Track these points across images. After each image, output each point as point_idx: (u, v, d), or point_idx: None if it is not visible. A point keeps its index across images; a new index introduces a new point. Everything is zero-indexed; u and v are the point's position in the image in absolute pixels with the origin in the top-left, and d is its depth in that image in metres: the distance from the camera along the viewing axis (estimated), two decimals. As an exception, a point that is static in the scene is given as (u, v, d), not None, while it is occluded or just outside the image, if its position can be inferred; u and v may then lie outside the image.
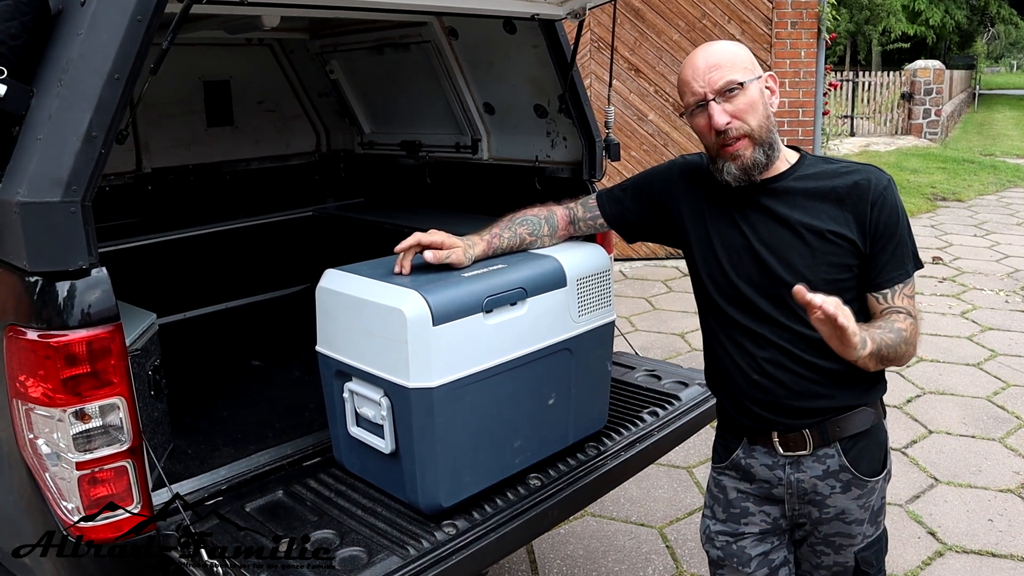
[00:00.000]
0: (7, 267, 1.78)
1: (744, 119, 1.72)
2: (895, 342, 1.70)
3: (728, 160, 1.76)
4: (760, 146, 1.74)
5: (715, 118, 1.72)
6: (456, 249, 2.01)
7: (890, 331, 1.70)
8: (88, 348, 1.75)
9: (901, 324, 1.73)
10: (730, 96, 1.72)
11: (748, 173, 1.75)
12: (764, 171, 1.77)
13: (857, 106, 18.34)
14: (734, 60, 1.74)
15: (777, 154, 1.78)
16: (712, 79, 1.72)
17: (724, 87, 1.71)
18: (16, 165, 1.71)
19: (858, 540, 1.88)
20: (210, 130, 3.95)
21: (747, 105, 1.72)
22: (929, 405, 4.65)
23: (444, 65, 3.37)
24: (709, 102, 1.72)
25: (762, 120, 1.74)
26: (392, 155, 4.04)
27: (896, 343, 1.70)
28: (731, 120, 1.72)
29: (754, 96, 1.73)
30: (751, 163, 1.74)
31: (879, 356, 1.67)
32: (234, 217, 4.00)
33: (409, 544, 1.83)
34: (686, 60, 1.78)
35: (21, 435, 1.83)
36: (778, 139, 1.80)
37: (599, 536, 3.48)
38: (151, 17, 1.71)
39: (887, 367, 1.77)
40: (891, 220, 1.75)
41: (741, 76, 1.72)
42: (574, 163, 3.11)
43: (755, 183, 1.78)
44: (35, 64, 1.79)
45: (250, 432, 2.56)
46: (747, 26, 7.53)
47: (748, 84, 1.72)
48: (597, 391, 2.33)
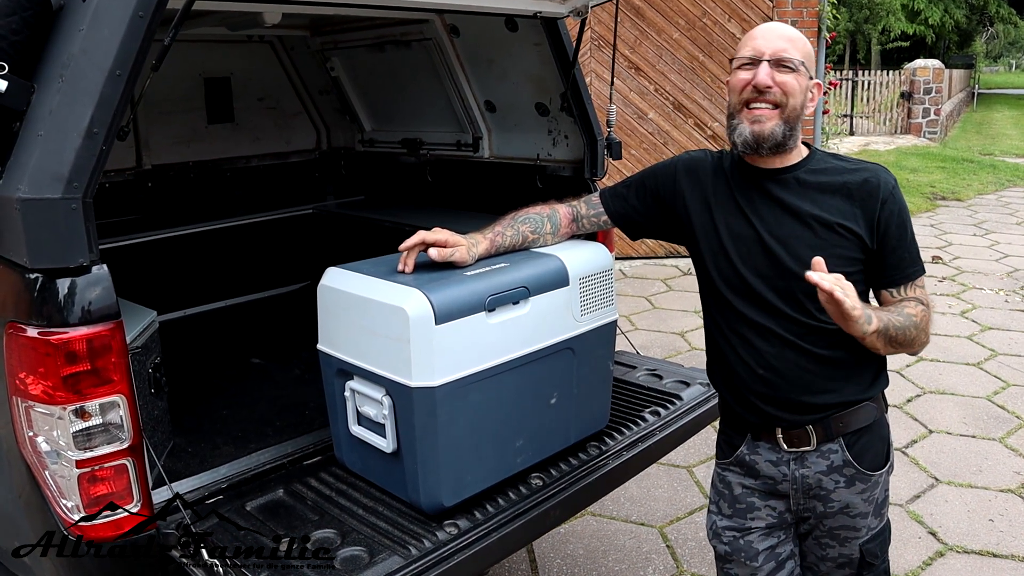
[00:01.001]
0: (7, 264, 1.77)
1: (787, 92, 1.75)
2: (904, 325, 1.73)
3: (746, 122, 1.77)
4: (784, 123, 1.76)
5: (760, 75, 1.74)
6: (460, 247, 2.01)
7: (899, 315, 1.74)
8: (89, 346, 1.74)
9: (912, 310, 1.77)
10: (783, 68, 1.75)
11: (759, 142, 1.77)
12: (773, 151, 1.78)
13: (857, 105, 18.35)
14: (802, 48, 1.78)
15: (793, 143, 1.81)
16: (778, 47, 1.75)
17: (784, 60, 1.74)
18: (17, 161, 1.70)
19: (863, 533, 1.89)
20: (210, 127, 3.94)
21: (793, 85, 1.75)
22: (929, 405, 4.65)
23: (445, 63, 3.36)
24: (762, 61, 1.75)
25: (797, 107, 1.77)
26: (393, 153, 4.02)
27: (905, 326, 1.74)
28: (774, 86, 1.75)
29: (802, 83, 1.76)
30: (768, 133, 1.75)
31: (887, 336, 1.71)
32: (234, 214, 3.99)
33: (411, 544, 1.82)
34: (761, 25, 1.83)
35: (21, 433, 1.82)
36: (799, 134, 1.82)
37: (599, 536, 3.48)
38: (153, 13, 1.71)
39: (900, 351, 1.80)
40: (900, 219, 1.79)
41: (801, 59, 1.76)
42: (575, 161, 3.10)
43: (764, 172, 1.81)
44: (36, 60, 1.78)
45: (250, 430, 2.55)
46: (747, 24, 7.51)
47: (802, 71, 1.75)
48: (599, 390, 2.32)
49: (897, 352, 1.79)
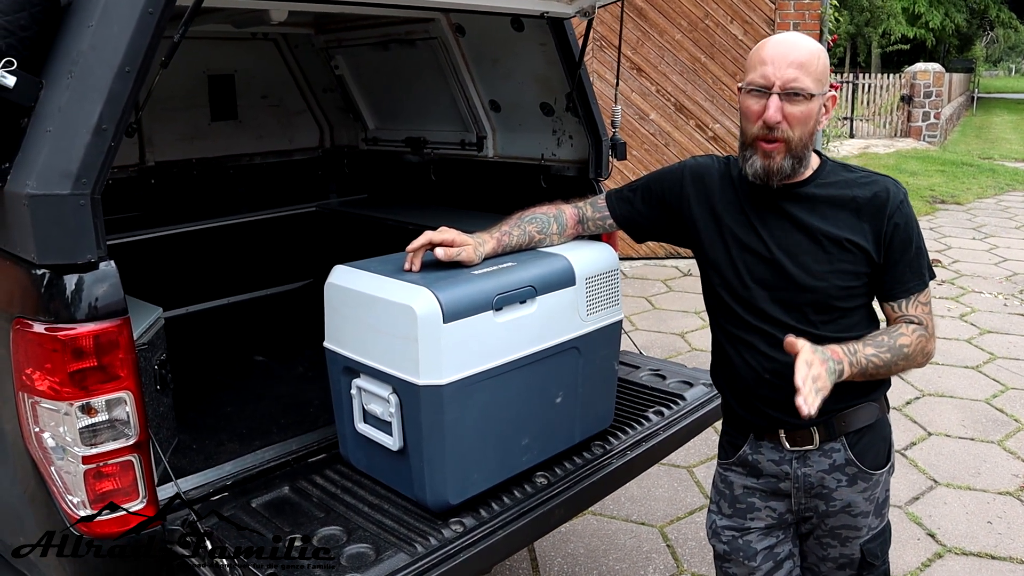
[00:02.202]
0: (14, 259, 1.77)
1: (792, 126, 1.71)
2: (888, 361, 1.75)
3: (758, 155, 1.75)
4: (792, 157, 1.74)
5: (770, 111, 1.69)
6: (467, 247, 2.00)
7: (887, 350, 1.75)
8: (95, 342, 1.74)
9: (905, 340, 1.78)
10: (794, 99, 1.69)
11: (769, 176, 1.76)
12: (783, 180, 1.77)
13: (857, 108, 18.37)
14: (814, 67, 1.70)
15: (804, 166, 1.78)
16: (787, 77, 1.68)
17: (793, 89, 1.69)
18: (25, 157, 1.70)
19: (864, 532, 1.90)
20: (214, 124, 3.93)
21: (803, 115, 1.70)
22: (928, 407, 4.66)
23: (450, 62, 3.36)
24: (772, 94, 1.70)
25: (805, 135, 1.72)
26: (396, 151, 4.03)
27: (890, 362, 1.75)
28: (782, 121, 1.70)
29: (812, 110, 1.71)
30: (776, 168, 1.74)
31: (866, 374, 1.73)
32: (237, 212, 3.98)
33: (416, 541, 1.82)
34: (772, 39, 1.74)
35: (27, 428, 1.81)
36: (811, 153, 1.80)
37: (600, 535, 3.48)
38: (163, 9, 1.71)
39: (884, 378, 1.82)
40: (906, 234, 1.78)
41: (813, 87, 1.69)
42: (580, 162, 3.11)
43: (776, 188, 1.79)
44: (45, 56, 1.77)
45: (255, 428, 2.55)
46: (749, 27, 7.53)
47: (814, 99, 1.70)
48: (604, 390, 2.33)
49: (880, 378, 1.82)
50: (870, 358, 1.72)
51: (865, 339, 1.75)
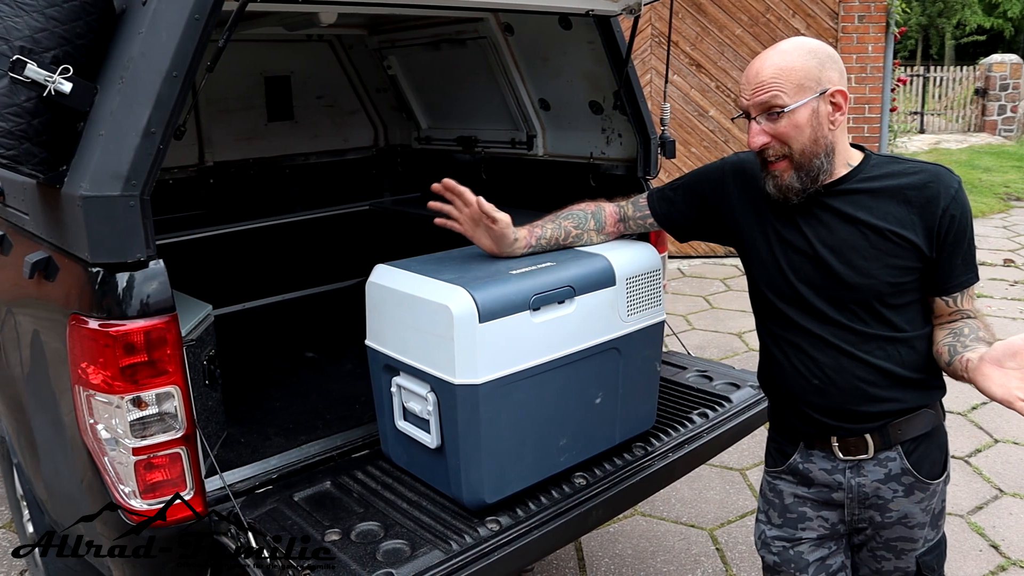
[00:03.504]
0: (72, 258, 1.85)
1: (785, 141, 1.66)
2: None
3: (767, 176, 1.73)
4: (799, 171, 1.68)
5: (751, 137, 1.68)
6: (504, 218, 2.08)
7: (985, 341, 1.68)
8: (146, 338, 1.81)
9: (983, 332, 1.71)
10: (772, 117, 1.66)
11: (784, 194, 1.72)
12: (800, 196, 1.72)
13: (928, 102, 17.75)
14: (788, 77, 1.63)
15: (827, 170, 1.71)
16: (756, 96, 1.65)
17: (765, 107, 1.65)
18: (80, 160, 1.77)
19: (920, 544, 1.84)
20: (270, 124, 4.02)
21: (790, 129, 1.65)
22: (996, 413, 4.48)
23: (500, 61, 3.37)
24: (751, 119, 1.68)
25: (806, 144, 1.66)
26: (448, 150, 4.06)
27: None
28: (769, 141, 1.67)
29: (800, 120, 1.64)
30: (785, 186, 1.70)
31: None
32: (292, 210, 4.07)
33: (452, 539, 1.84)
34: (753, 60, 1.71)
35: (82, 420, 1.89)
36: (832, 156, 1.71)
37: (648, 536, 3.45)
38: (209, 15, 1.76)
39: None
40: (961, 226, 1.70)
41: (788, 98, 1.63)
42: (629, 160, 3.08)
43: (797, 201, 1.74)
44: (100, 62, 1.84)
45: (302, 423, 2.60)
46: (812, 20, 7.35)
47: (794, 109, 1.63)
48: (645, 391, 2.30)
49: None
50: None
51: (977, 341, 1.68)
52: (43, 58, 1.74)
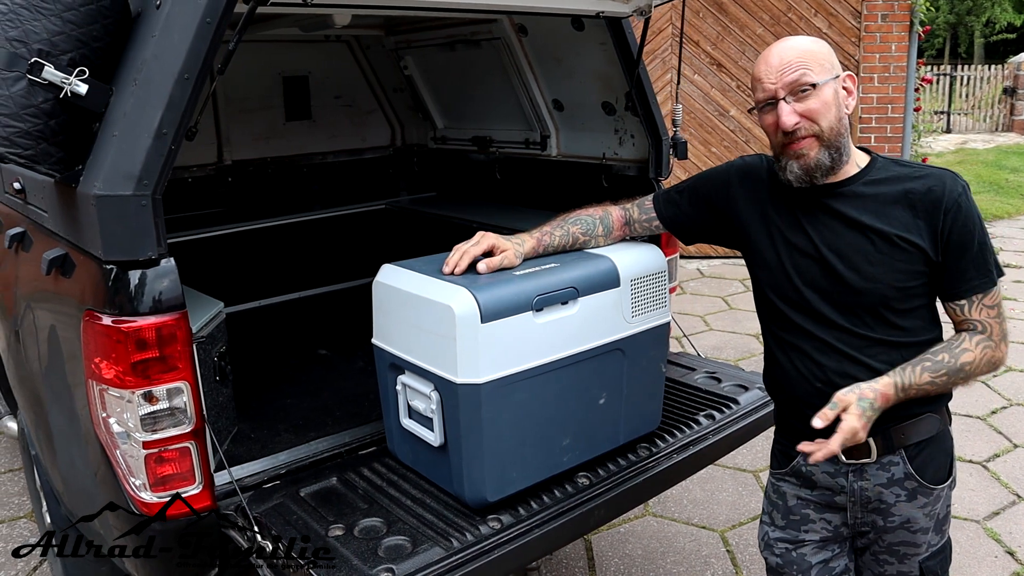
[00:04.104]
0: (87, 255, 1.89)
1: (815, 119, 1.68)
2: (944, 383, 1.70)
3: (791, 158, 1.72)
4: (827, 148, 1.70)
5: (783, 118, 1.68)
6: (507, 252, 2.02)
7: (945, 373, 1.69)
8: (157, 334, 1.85)
9: (968, 357, 1.70)
10: (802, 96, 1.67)
11: (810, 174, 1.71)
12: (827, 175, 1.72)
13: (954, 101, 17.51)
14: (810, 58, 1.68)
15: (845, 158, 1.73)
16: (784, 77, 1.68)
17: (796, 86, 1.67)
18: (95, 160, 1.81)
19: (923, 549, 1.83)
20: (288, 124, 4.07)
21: (819, 106, 1.67)
22: (1016, 417, 4.43)
23: (514, 62, 3.39)
24: (779, 101, 1.68)
25: (833, 122, 1.69)
26: (463, 150, 4.08)
27: (948, 383, 1.70)
28: (800, 120, 1.68)
29: (827, 97, 1.68)
30: (814, 164, 1.70)
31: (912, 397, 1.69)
32: (309, 209, 4.11)
33: (453, 536, 1.86)
34: (761, 55, 1.74)
35: (95, 414, 1.94)
36: (849, 143, 1.74)
37: (659, 536, 3.45)
38: (220, 19, 1.79)
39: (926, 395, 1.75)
40: (966, 229, 1.68)
41: (815, 76, 1.67)
42: (641, 161, 3.09)
43: (822, 186, 1.74)
44: (116, 64, 1.88)
45: (311, 419, 2.64)
46: (834, 19, 7.28)
47: (822, 85, 1.67)
48: (650, 392, 2.31)
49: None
50: (923, 386, 1.68)
51: (924, 361, 1.69)
52: (60, 60, 1.78)
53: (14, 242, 2.43)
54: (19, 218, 2.50)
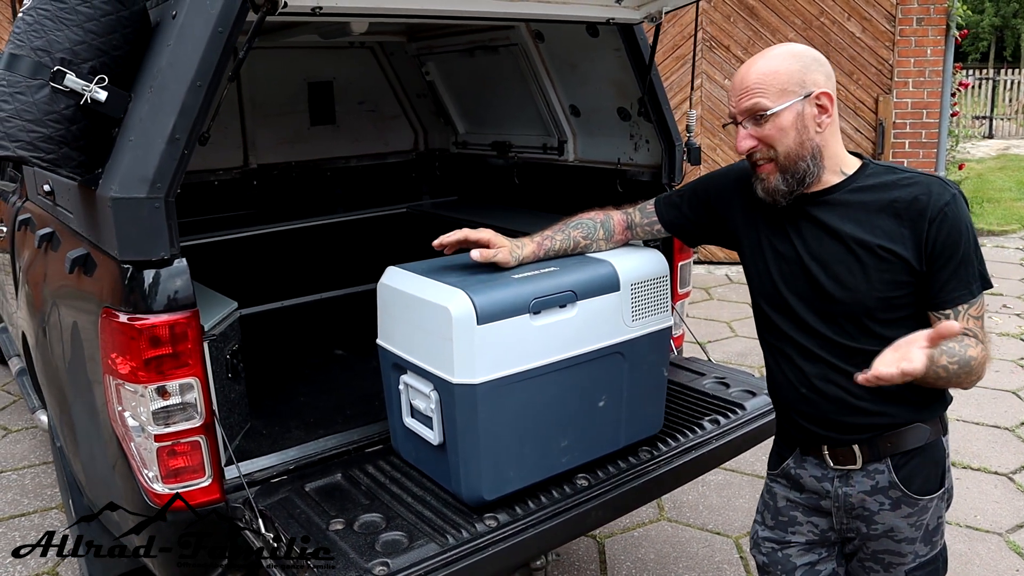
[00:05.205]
0: (106, 255, 1.98)
1: (771, 144, 1.69)
2: (954, 372, 1.63)
3: (756, 179, 1.77)
4: (784, 173, 1.71)
5: (738, 142, 1.73)
6: (502, 249, 2.06)
7: (958, 361, 1.62)
8: (169, 331, 1.92)
9: (974, 352, 1.65)
10: (758, 121, 1.69)
11: (771, 196, 1.74)
12: (788, 197, 1.74)
13: (997, 106, 17.14)
14: (771, 81, 1.67)
15: (813, 174, 1.71)
16: (741, 103, 1.70)
17: (755, 111, 1.68)
18: (113, 163, 1.89)
19: (908, 559, 1.83)
20: (313, 129, 4.16)
21: (774, 131, 1.68)
22: (1045, 430, 4.35)
23: (531, 67, 3.43)
24: (738, 124, 1.72)
25: (792, 146, 1.68)
26: (483, 155, 4.13)
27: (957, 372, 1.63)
28: (756, 144, 1.70)
29: (785, 123, 1.67)
30: (772, 188, 1.73)
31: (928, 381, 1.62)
32: (333, 212, 4.19)
33: (449, 533, 1.90)
34: (740, 68, 1.75)
35: (112, 408, 2.02)
36: (819, 159, 1.71)
37: (672, 541, 3.46)
38: (232, 28, 1.86)
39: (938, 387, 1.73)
40: (951, 238, 1.65)
41: (771, 102, 1.66)
42: (655, 166, 3.10)
43: (806, 195, 1.75)
44: (136, 71, 1.96)
45: (322, 417, 2.70)
46: (868, 23, 7.21)
47: (779, 111, 1.66)
48: (652, 395, 2.33)
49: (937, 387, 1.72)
50: (940, 367, 1.60)
51: (941, 346, 1.61)
52: (81, 68, 1.87)
53: (43, 242, 2.54)
54: (49, 219, 2.61)
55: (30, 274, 2.77)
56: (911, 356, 1.47)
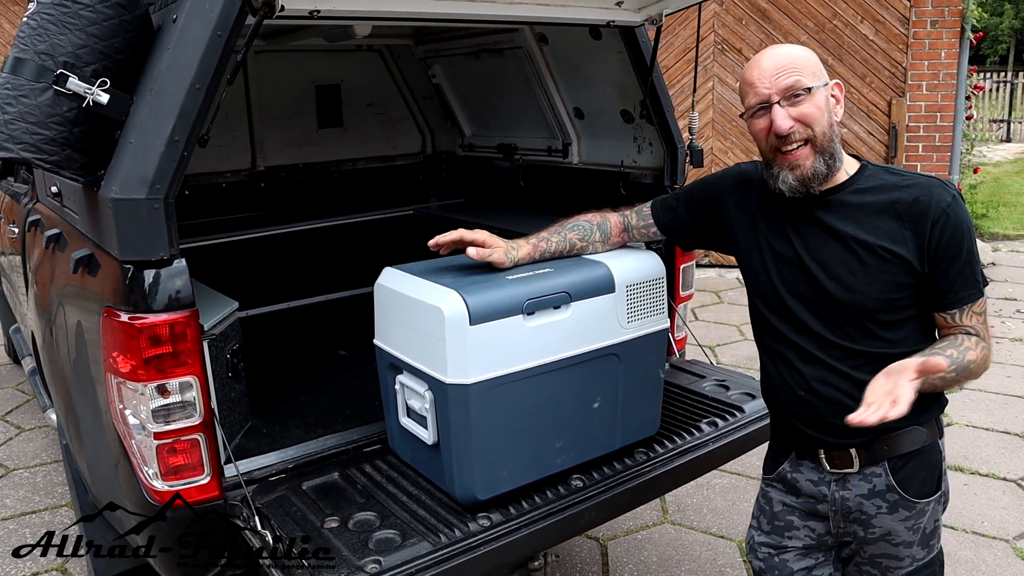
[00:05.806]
0: (108, 255, 2.01)
1: (810, 123, 1.68)
2: (951, 380, 1.66)
3: (785, 169, 1.71)
4: (821, 155, 1.69)
5: (777, 122, 1.67)
6: (497, 249, 2.07)
7: (955, 368, 1.64)
8: (168, 330, 1.95)
9: (972, 355, 1.67)
10: (795, 100, 1.67)
11: (806, 184, 1.71)
12: (823, 182, 1.72)
13: (1015, 109, 16.96)
14: (803, 64, 1.69)
15: (838, 165, 1.73)
16: (779, 81, 1.68)
17: (791, 91, 1.67)
18: (114, 165, 1.92)
19: (906, 563, 1.82)
20: (321, 131, 4.19)
21: (813, 110, 1.68)
22: (1058, 434, 4.31)
23: (535, 70, 3.45)
24: (773, 105, 1.68)
25: (826, 128, 1.69)
26: (489, 157, 4.15)
27: (954, 380, 1.67)
28: (794, 124, 1.68)
29: (820, 103, 1.68)
30: (811, 174, 1.70)
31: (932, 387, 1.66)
32: (340, 214, 4.22)
33: (442, 532, 1.92)
34: (751, 61, 1.74)
35: (114, 406, 2.05)
36: (840, 150, 1.74)
37: (675, 544, 3.46)
38: (230, 31, 1.88)
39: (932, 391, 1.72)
40: (955, 239, 1.67)
41: (809, 81, 1.68)
42: (658, 169, 3.11)
43: (812, 194, 1.74)
44: (138, 74, 1.99)
45: (322, 417, 2.73)
46: (881, 26, 7.17)
47: (815, 90, 1.68)
48: (648, 397, 2.33)
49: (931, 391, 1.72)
50: (942, 376, 1.63)
51: (937, 354, 1.64)
52: (84, 72, 1.91)
53: (51, 242, 2.58)
54: (57, 220, 2.65)
55: (38, 274, 2.82)
56: (899, 394, 1.49)
